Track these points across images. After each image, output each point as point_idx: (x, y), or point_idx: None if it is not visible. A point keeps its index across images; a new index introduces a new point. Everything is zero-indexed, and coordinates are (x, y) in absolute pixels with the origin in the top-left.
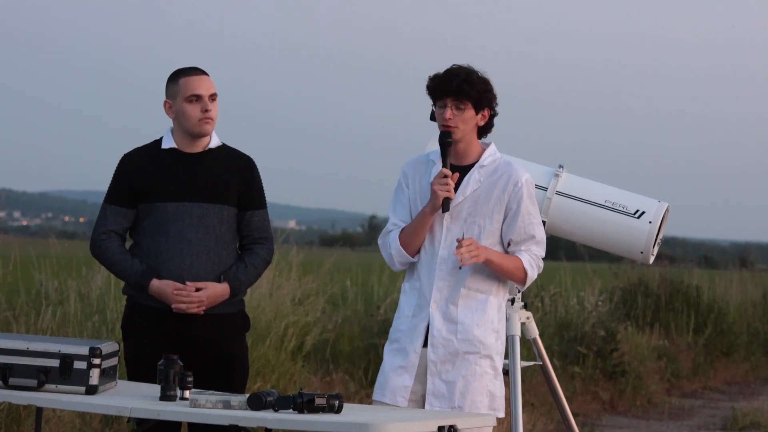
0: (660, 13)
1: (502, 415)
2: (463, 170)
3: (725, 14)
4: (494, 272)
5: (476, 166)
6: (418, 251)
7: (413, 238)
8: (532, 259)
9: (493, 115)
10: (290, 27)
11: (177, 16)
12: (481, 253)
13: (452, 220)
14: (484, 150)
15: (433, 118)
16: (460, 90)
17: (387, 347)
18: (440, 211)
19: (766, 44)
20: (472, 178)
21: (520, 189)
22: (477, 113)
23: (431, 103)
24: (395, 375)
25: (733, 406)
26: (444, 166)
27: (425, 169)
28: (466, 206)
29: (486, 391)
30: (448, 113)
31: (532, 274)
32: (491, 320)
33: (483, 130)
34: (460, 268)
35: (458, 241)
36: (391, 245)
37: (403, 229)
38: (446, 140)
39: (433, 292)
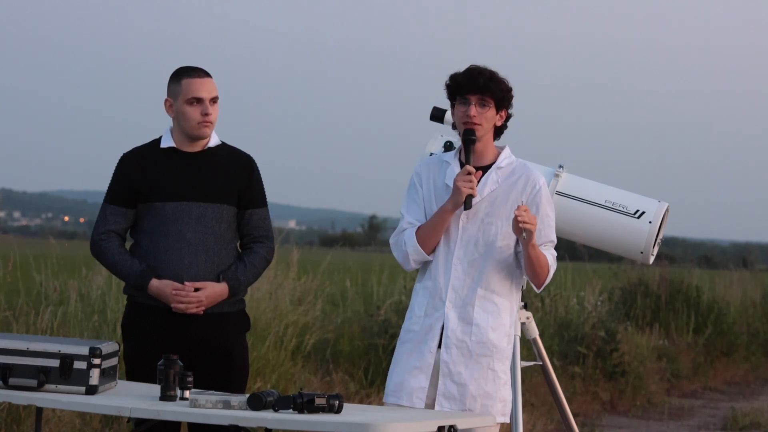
0: (660, 9)
1: (507, 420)
2: (479, 171)
3: (726, 10)
4: (529, 259)
5: (494, 167)
6: (434, 250)
7: (431, 235)
8: (552, 260)
9: (508, 117)
10: (292, 25)
11: (179, 13)
12: (535, 225)
13: (468, 220)
14: (499, 152)
15: (433, 118)
16: (487, 87)
17: (399, 349)
18: (462, 208)
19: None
20: (490, 178)
21: (539, 192)
22: (497, 113)
23: (449, 102)
24: (411, 376)
25: (733, 406)
26: (467, 163)
27: (439, 170)
28: (483, 206)
29: (497, 395)
30: (473, 110)
31: (550, 277)
32: (505, 324)
33: (497, 132)
34: (523, 234)
35: (519, 207)
36: (406, 243)
37: (419, 228)
38: (470, 138)
39: (448, 293)
